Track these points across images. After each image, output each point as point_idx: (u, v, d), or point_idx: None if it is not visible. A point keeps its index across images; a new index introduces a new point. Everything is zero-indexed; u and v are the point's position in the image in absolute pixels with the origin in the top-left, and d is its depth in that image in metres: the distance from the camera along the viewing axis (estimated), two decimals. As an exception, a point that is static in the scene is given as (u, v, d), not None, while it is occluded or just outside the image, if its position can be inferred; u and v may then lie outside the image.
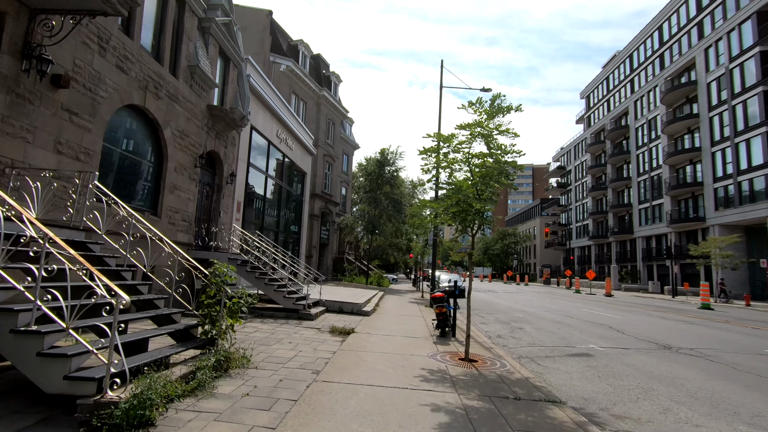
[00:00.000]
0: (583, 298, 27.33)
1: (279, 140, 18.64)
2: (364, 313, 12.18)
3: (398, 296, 21.46)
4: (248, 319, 9.74)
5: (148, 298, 5.72)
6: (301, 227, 23.14)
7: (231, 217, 14.20)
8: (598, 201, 56.70)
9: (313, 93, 29.75)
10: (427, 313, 14.02)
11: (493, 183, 7.08)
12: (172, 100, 10.25)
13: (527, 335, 10.72)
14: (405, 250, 38.44)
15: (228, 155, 13.68)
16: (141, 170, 9.65)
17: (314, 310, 11.03)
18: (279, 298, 10.86)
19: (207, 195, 13.00)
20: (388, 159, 30.74)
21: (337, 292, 17.22)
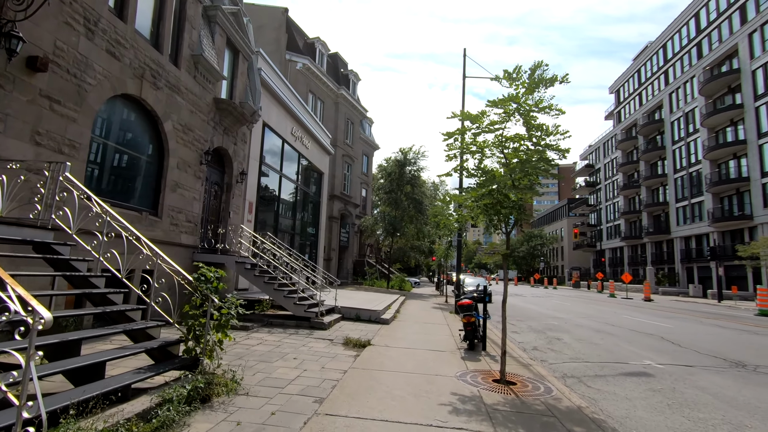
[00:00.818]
0: (620, 303, 25.46)
1: (294, 138, 17.85)
2: (383, 321, 11.12)
3: (421, 301, 20.31)
4: (254, 329, 8.83)
5: (121, 310, 4.81)
6: (318, 229, 22.31)
7: (242, 218, 13.43)
8: (630, 200, 53.94)
9: (331, 92, 29.01)
10: (453, 320, 12.85)
11: (532, 171, 5.93)
12: (173, 91, 9.50)
13: (568, 347, 9.42)
14: (427, 252, 37.23)
15: (238, 153, 12.92)
16: (139, 166, 8.91)
17: (328, 318, 10.05)
18: (289, 305, 9.94)
19: (215, 195, 12.24)
20: (409, 159, 29.68)
21: (356, 297, 16.24)
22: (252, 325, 8.94)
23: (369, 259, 37.03)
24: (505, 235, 6.36)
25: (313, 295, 11.64)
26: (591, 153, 67.06)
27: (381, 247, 38.01)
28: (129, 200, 8.58)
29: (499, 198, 5.67)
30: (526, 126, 5.92)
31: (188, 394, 3.86)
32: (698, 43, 42.17)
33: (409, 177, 29.55)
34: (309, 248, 21.51)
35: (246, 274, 10.39)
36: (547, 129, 5.84)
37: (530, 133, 5.87)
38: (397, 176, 29.11)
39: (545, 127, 5.84)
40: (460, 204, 7.35)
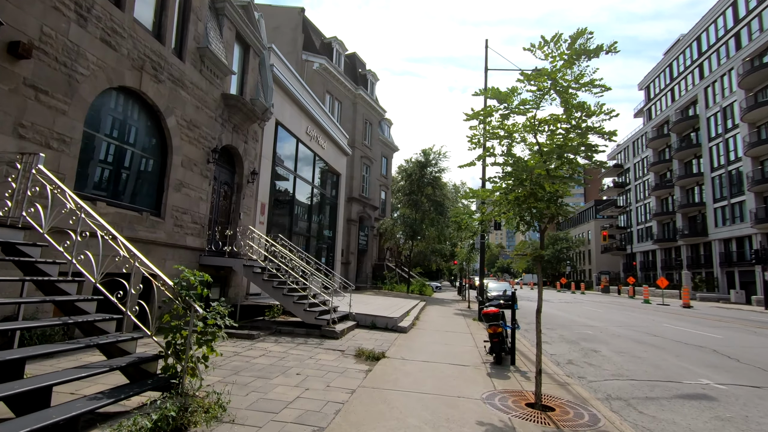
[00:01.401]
0: (657, 310, 23.81)
1: (309, 138, 17.30)
2: (400, 330, 10.31)
3: (442, 307, 19.37)
4: (260, 338, 8.17)
5: (90, 320, 4.18)
6: (336, 232, 21.69)
7: (254, 220, 12.89)
8: (662, 201, 51.37)
9: (349, 92, 28.48)
10: (476, 328, 11.92)
11: (572, 158, 5.04)
12: (176, 85, 9.01)
13: (608, 361, 8.38)
14: (449, 256, 36.16)
15: (249, 151, 12.39)
16: (140, 164, 8.42)
17: (340, 326, 9.31)
18: (299, 312, 9.26)
19: (225, 195, 11.73)
20: (430, 159, 28.84)
21: (373, 302, 15.47)
22: (258, 334, 8.29)
23: (389, 263, 36.25)
24: (539, 234, 5.47)
25: (325, 301, 10.94)
26: (619, 152, 64.48)
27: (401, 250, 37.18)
28: (128, 200, 8.08)
29: (533, 189, 4.80)
30: (564, 106, 5.04)
31: (154, 425, 3.16)
32: (736, 33, 39.77)
33: (430, 178, 28.69)
34: (326, 252, 20.91)
35: (254, 279, 9.78)
36: (589, 108, 4.95)
37: (569, 113, 4.98)
38: (417, 177, 28.30)
39: (587, 106, 4.95)
40: (484, 200, 6.49)
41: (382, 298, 19.03)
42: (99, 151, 7.45)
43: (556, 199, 5.00)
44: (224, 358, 6.36)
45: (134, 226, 7.86)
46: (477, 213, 6.63)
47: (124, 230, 7.55)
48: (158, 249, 8.57)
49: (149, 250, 8.31)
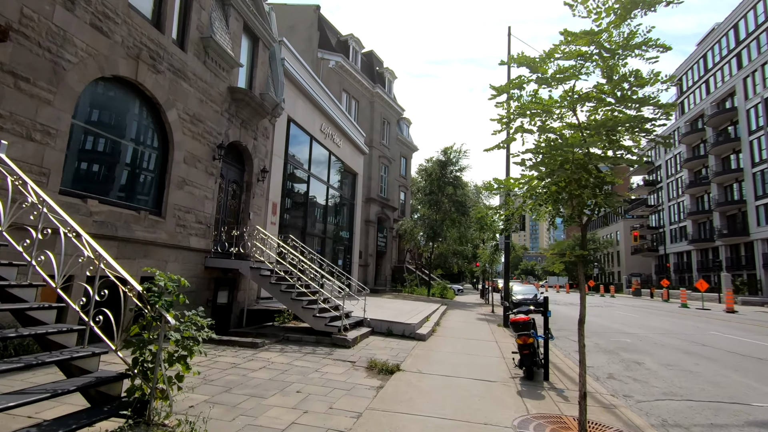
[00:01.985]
0: (698, 315, 22.14)
1: (323, 135, 16.71)
2: (418, 337, 9.49)
3: (464, 311, 18.41)
4: (264, 347, 7.50)
5: (41, 333, 3.54)
6: (353, 233, 21.03)
7: (264, 220, 12.33)
8: (698, 199, 48.70)
9: (366, 90, 27.86)
10: (502, 335, 10.98)
11: (620, 137, 4.17)
12: (177, 77, 8.49)
13: (655, 376, 7.36)
14: (471, 258, 35.05)
15: (258, 148, 11.84)
16: (137, 160, 7.91)
17: (353, 334, 8.57)
18: (308, 318, 8.57)
19: (233, 194, 11.20)
20: (451, 158, 27.91)
21: (391, 306, 14.70)
22: (263, 342, 7.63)
23: (408, 265, 35.41)
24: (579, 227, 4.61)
25: (337, 306, 10.23)
26: (650, 149, 61.65)
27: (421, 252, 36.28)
28: (124, 198, 7.57)
29: (576, 175, 3.94)
30: (608, 75, 4.17)
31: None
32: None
33: (450, 177, 27.76)
34: (343, 253, 20.27)
35: (262, 282, 9.16)
36: (640, 76, 4.06)
37: (615, 83, 4.11)
38: (438, 177, 27.41)
39: (638, 73, 4.07)
40: (511, 191, 5.63)
41: (401, 301, 18.22)
42: (91, 145, 6.96)
43: (603, 186, 4.12)
44: (220, 370, 5.72)
45: (131, 226, 7.34)
46: (501, 209, 5.74)
47: (119, 230, 7.04)
48: (158, 250, 8.05)
49: (148, 251, 7.79)
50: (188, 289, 9.05)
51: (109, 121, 7.30)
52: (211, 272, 9.71)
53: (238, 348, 7.28)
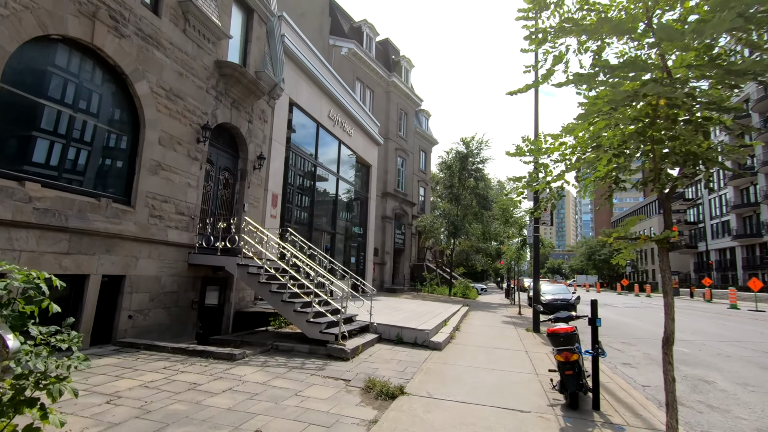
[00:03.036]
0: (755, 318, 19.78)
1: (332, 123, 15.44)
2: (433, 346, 8.07)
3: (487, 313, 16.81)
4: (242, 360, 6.24)
5: None
6: (367, 229, 19.72)
7: (263, 212, 11.15)
8: (742, 191, 45.13)
9: (381, 79, 26.49)
10: (532, 342, 9.42)
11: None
12: (148, 44, 7.34)
13: (736, 402, 5.71)
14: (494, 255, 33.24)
15: (255, 133, 10.65)
16: (97, 138, 6.78)
17: (354, 342, 7.23)
18: (300, 323, 7.29)
19: (225, 183, 10.05)
20: (471, 149, 26.25)
21: (406, 308, 13.30)
22: (243, 353, 6.37)
23: (428, 264, 33.86)
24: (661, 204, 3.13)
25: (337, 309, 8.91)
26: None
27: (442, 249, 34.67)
28: (79, 182, 6.45)
29: (680, 100, 2.45)
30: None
31: None
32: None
33: (472, 169, 26.11)
34: (357, 250, 18.99)
35: (249, 281, 7.94)
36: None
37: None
38: (458, 169, 25.81)
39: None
40: (543, 154, 4.15)
41: (418, 302, 16.78)
42: (31, 119, 5.85)
43: (709, 127, 2.62)
44: (171, 394, 4.47)
45: (86, 215, 6.21)
46: (534, 178, 4.23)
47: (70, 220, 5.91)
48: (126, 245, 6.91)
49: (112, 245, 6.66)
50: (167, 290, 7.97)
51: (58, 91, 6.17)
52: (196, 270, 8.57)
53: (212, 360, 6.05)
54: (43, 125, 5.98)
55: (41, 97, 5.90)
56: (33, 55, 5.75)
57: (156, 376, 5.10)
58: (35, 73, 5.84)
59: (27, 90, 5.70)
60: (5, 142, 5.49)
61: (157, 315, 7.59)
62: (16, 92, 5.52)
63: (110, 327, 6.81)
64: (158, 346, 6.48)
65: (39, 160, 5.96)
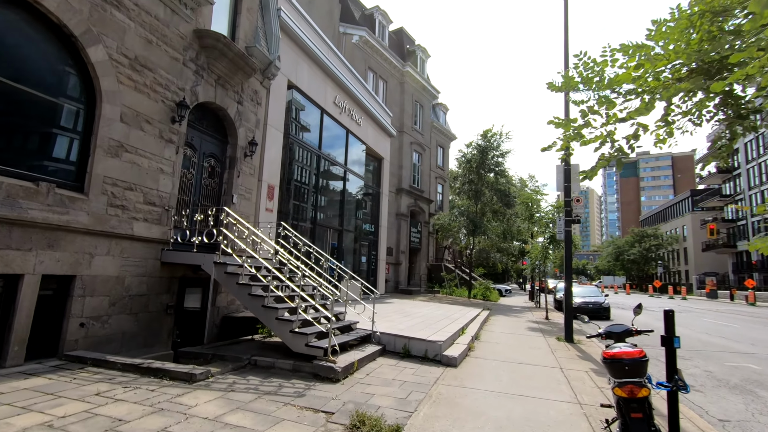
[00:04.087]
0: (813, 324, 17.54)
1: (338, 110, 14.21)
2: (446, 361, 6.68)
3: (510, 318, 15.25)
4: (204, 381, 5.00)
5: None
6: (378, 227, 18.41)
7: (256, 206, 9.98)
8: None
9: (395, 70, 25.14)
10: (566, 355, 7.91)
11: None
12: (105, 1, 6.21)
13: None
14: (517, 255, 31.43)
15: (246, 116, 9.49)
16: (37, 112, 5.67)
17: (347, 358, 5.92)
18: (283, 333, 6.02)
19: (211, 171, 8.90)
20: (491, 143, 24.61)
21: (418, 312, 11.92)
22: (209, 372, 5.15)
23: (447, 264, 32.29)
24: None
25: (339, 314, 7.63)
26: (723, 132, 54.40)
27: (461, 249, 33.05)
28: (8, 162, 5.34)
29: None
30: None
31: None
32: None
33: (491, 164, 24.47)
34: (368, 249, 17.71)
35: (227, 282, 6.73)
36: None
37: None
38: (477, 163, 24.21)
39: None
40: (603, 82, 2.71)
41: (434, 305, 15.36)
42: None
43: None
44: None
45: (17, 202, 5.10)
46: (570, 126, 2.73)
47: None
48: (76, 239, 5.79)
49: (56, 239, 5.54)
50: (133, 292, 6.82)
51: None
52: (172, 269, 7.42)
53: (165, 382, 4.84)
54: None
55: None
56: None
57: (77, 407, 3.90)
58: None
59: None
60: None
61: (119, 322, 6.45)
62: None
63: (56, 337, 5.70)
64: (108, 361, 5.32)
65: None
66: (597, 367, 7.16)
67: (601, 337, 4.34)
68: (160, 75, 7.16)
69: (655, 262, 65.04)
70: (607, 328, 4.34)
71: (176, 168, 7.58)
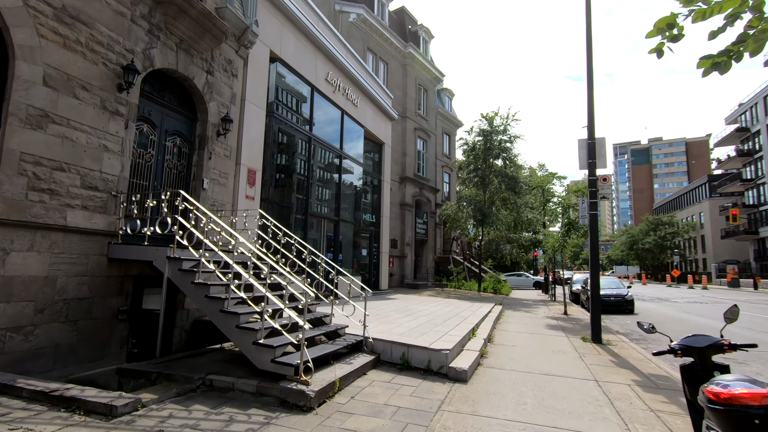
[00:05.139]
0: None
1: (331, 88, 12.88)
2: (454, 375, 5.39)
3: (526, 313, 13.90)
4: (128, 415, 3.76)
5: None
6: (380, 217, 17.12)
7: (234, 191, 8.74)
8: (814, 167, 39.62)
9: (397, 51, 23.67)
10: (598, 362, 6.57)
11: None
12: (14, -69, 4.94)
13: None
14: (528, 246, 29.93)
15: (217, 88, 8.22)
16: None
17: (325, 376, 4.65)
18: (245, 345, 4.77)
19: (177, 152, 7.65)
20: (496, 126, 23.03)
21: (423, 310, 10.64)
22: (138, 401, 3.91)
23: (455, 256, 30.93)
24: None
25: (324, 316, 6.37)
26: (743, 113, 52.00)
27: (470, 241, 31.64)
28: None
29: None
30: None
31: None
32: None
33: (498, 149, 22.93)
34: (369, 241, 16.45)
35: (183, 281, 5.49)
36: None
37: None
38: (482, 149, 22.69)
39: None
40: None
41: (441, 301, 14.08)
42: None
43: None
44: None
45: None
46: None
47: None
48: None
49: (-50, 231, 4.31)
50: (69, 296, 5.52)
51: None
52: (125, 267, 6.22)
53: (76, 418, 3.62)
54: None
55: None
56: None
57: None
58: None
59: None
60: None
61: (50, 332, 5.26)
62: None
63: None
64: (13, 386, 4.12)
65: None
66: (640, 378, 5.83)
67: (674, 353, 3.02)
68: (99, 32, 5.89)
69: (671, 250, 62.96)
70: (685, 340, 3.01)
71: (126, 146, 6.33)
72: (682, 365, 3.05)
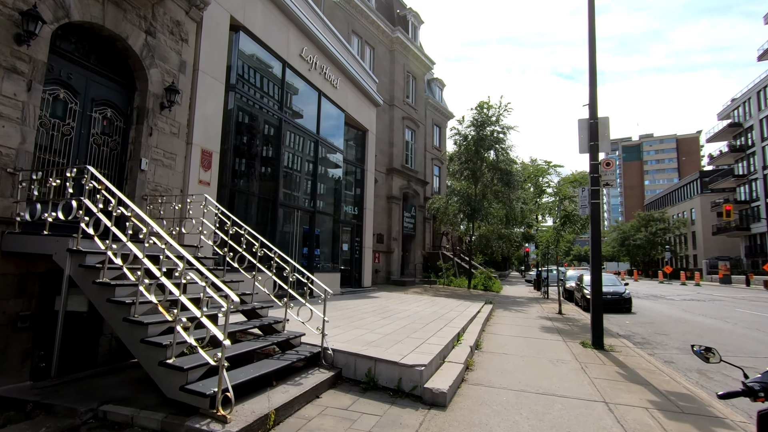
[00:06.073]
0: None
1: (306, 65, 11.67)
2: (430, 399, 4.30)
3: (518, 313, 12.89)
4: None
5: None
6: (363, 209, 15.97)
7: (185, 175, 7.54)
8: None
9: (384, 35, 22.46)
10: (603, 374, 5.53)
11: None
12: None
13: None
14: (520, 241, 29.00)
15: (161, 53, 6.99)
16: None
17: (257, 406, 3.52)
18: (150, 366, 3.61)
19: (109, 126, 6.43)
20: (489, 117, 21.94)
21: (404, 310, 9.55)
22: None
23: (445, 252, 29.92)
24: None
25: (276, 322, 5.24)
26: (735, 109, 51.60)
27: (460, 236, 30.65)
28: None
29: None
30: None
31: None
32: None
33: (491, 140, 21.87)
34: (350, 235, 15.32)
35: (84, 280, 4.31)
36: None
37: None
38: (474, 140, 21.61)
39: None
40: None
41: (427, 300, 13.01)
42: None
43: None
44: None
45: None
46: None
47: None
48: None
49: None
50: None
51: None
52: (26, 262, 5.01)
53: None
54: None
55: None
56: None
57: None
58: None
59: None
60: None
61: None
62: None
63: None
64: None
65: None
66: (657, 397, 4.79)
67: (753, 396, 1.95)
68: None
69: (662, 246, 62.75)
70: (753, 383, 1.95)
71: (29, 112, 5.11)
72: (761, 412, 1.99)
